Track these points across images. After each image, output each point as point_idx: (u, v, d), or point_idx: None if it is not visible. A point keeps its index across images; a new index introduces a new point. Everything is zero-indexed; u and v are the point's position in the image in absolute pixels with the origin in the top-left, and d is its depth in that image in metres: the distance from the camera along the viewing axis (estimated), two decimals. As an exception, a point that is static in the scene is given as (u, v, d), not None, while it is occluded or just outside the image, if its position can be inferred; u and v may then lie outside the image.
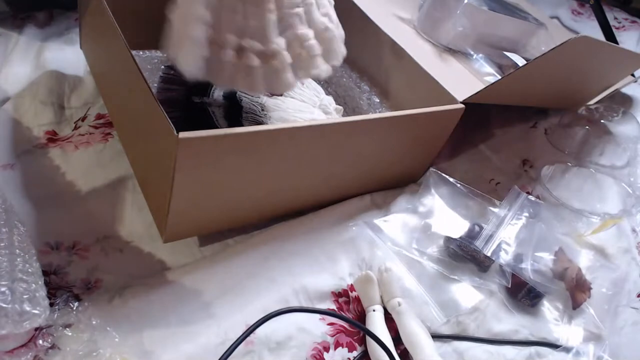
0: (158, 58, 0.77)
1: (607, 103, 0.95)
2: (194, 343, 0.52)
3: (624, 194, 0.80)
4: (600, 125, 0.91)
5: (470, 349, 0.58)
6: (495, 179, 0.81)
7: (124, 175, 0.66)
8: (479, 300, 0.63)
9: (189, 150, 0.47)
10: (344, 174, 0.66)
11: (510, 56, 0.86)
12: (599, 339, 0.61)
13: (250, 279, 0.58)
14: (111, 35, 0.58)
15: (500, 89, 0.69)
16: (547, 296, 0.64)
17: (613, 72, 0.91)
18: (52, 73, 0.77)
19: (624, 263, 0.71)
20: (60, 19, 0.90)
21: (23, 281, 0.46)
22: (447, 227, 0.68)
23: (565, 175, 0.82)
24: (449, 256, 0.66)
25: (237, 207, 0.59)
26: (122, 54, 0.55)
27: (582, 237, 0.72)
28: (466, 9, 0.79)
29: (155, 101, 0.48)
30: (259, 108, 0.67)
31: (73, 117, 0.74)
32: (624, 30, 1.25)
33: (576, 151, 0.86)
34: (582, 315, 0.64)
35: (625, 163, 0.85)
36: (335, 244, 0.64)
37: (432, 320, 0.59)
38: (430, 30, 0.83)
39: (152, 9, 0.72)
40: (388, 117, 0.61)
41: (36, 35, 0.85)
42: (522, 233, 0.68)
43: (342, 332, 0.56)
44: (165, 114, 0.47)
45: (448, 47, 0.82)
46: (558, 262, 0.66)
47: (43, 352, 0.48)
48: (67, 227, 0.60)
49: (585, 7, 1.29)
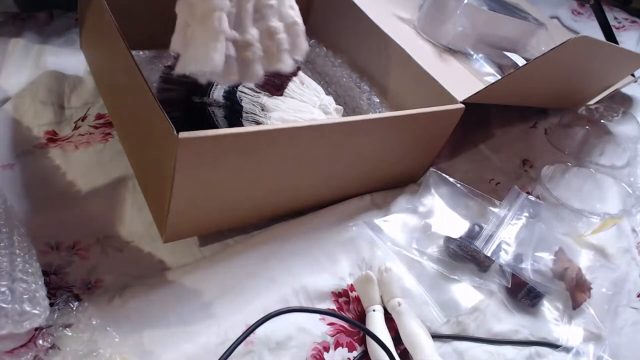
0: (158, 58, 0.77)
1: (607, 103, 0.95)
2: (194, 343, 0.52)
3: (624, 194, 0.80)
4: (600, 125, 0.91)
5: (470, 349, 0.58)
6: (495, 179, 0.81)
7: (124, 175, 0.66)
8: (479, 300, 0.63)
9: (189, 150, 0.47)
10: (344, 174, 0.66)
11: (510, 56, 0.86)
12: (599, 339, 0.61)
13: (250, 279, 0.58)
14: (111, 35, 0.58)
15: (500, 89, 0.69)
16: (547, 296, 0.64)
17: (613, 72, 0.91)
18: (52, 73, 0.77)
19: (624, 263, 0.71)
20: (60, 19, 0.90)
21: (23, 281, 0.47)
22: (447, 227, 0.68)
23: (565, 175, 0.82)
24: (449, 256, 0.66)
25: (237, 207, 0.59)
26: (122, 54, 0.55)
27: (582, 237, 0.72)
28: (466, 9, 0.79)
29: (155, 101, 0.48)
30: (259, 108, 0.67)
31: (73, 117, 0.74)
32: (624, 30, 1.25)
33: (576, 151, 0.86)
34: (582, 315, 0.64)
35: (625, 163, 0.85)
36: (335, 244, 0.64)
37: (432, 320, 0.59)
38: (430, 30, 0.83)
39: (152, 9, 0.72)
40: (388, 117, 0.61)
41: (36, 36, 0.85)
42: (522, 233, 0.68)
43: (342, 332, 0.56)
44: (165, 114, 0.47)
45: (448, 47, 0.82)
46: (558, 262, 0.66)
47: (43, 352, 0.48)
48: (67, 227, 0.60)
49: (585, 7, 1.29)
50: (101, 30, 0.65)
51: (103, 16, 0.59)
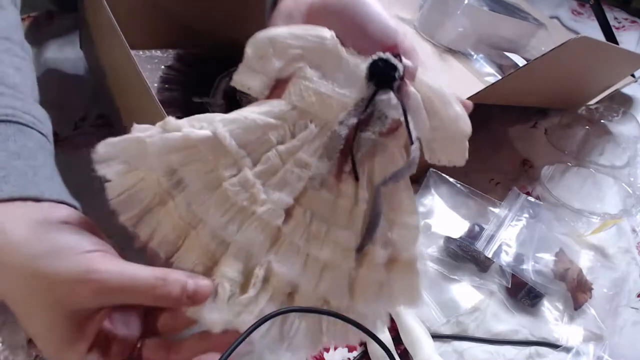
0: (158, 58, 0.77)
1: (607, 103, 0.95)
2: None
3: (624, 194, 0.80)
4: (600, 125, 0.91)
5: (470, 348, 0.58)
6: (495, 179, 0.81)
7: (124, 175, 0.66)
8: (479, 300, 0.63)
9: (189, 150, 0.47)
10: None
11: (510, 56, 0.86)
12: (599, 339, 0.62)
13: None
14: (111, 35, 0.58)
15: (500, 89, 0.69)
16: (548, 296, 0.64)
17: (613, 72, 0.91)
18: (52, 73, 0.77)
19: (624, 263, 0.71)
20: (60, 19, 0.90)
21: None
22: (447, 227, 0.68)
23: (565, 175, 0.82)
24: (449, 256, 0.66)
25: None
26: (122, 54, 0.55)
27: (582, 237, 0.72)
28: (466, 9, 0.79)
29: (155, 101, 0.48)
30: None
31: (73, 117, 0.74)
32: (624, 30, 1.24)
33: (576, 151, 0.86)
34: (583, 316, 0.64)
35: (625, 163, 0.85)
36: (336, 244, 0.64)
37: (432, 320, 0.59)
38: (431, 30, 0.83)
39: (152, 8, 0.73)
40: (388, 117, 0.61)
41: (36, 36, 0.85)
42: (523, 234, 0.68)
43: (342, 332, 0.56)
44: (165, 114, 0.47)
45: (448, 48, 0.82)
46: (559, 263, 0.66)
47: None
48: (67, 227, 0.60)
49: (585, 7, 1.29)
50: (101, 30, 0.65)
51: (103, 16, 0.59)
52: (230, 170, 0.37)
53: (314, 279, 0.39)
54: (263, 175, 0.37)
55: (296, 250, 0.38)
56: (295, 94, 0.38)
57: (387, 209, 0.40)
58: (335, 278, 0.39)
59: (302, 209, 0.39)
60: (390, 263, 0.41)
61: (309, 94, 0.38)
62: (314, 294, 0.39)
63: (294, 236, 0.38)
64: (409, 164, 0.39)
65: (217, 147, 0.36)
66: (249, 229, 0.37)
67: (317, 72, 0.39)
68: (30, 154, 0.40)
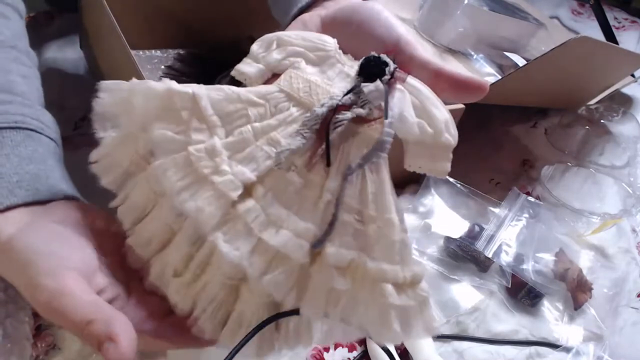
0: (158, 58, 0.77)
1: (607, 103, 0.95)
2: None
3: (624, 194, 0.80)
4: (600, 125, 0.91)
5: (470, 348, 0.58)
6: (495, 179, 0.81)
7: (124, 175, 0.66)
8: (479, 300, 0.63)
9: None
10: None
11: (510, 56, 0.86)
12: (599, 339, 0.62)
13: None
14: (111, 35, 0.58)
15: (500, 89, 0.69)
16: (548, 296, 0.64)
17: (613, 72, 0.91)
18: (52, 73, 0.77)
19: (624, 263, 0.71)
20: (60, 19, 0.90)
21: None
22: (447, 227, 0.68)
23: (565, 175, 0.82)
24: (449, 256, 0.66)
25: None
26: (122, 54, 0.55)
27: (582, 237, 0.72)
28: (466, 9, 0.79)
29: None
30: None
31: (73, 117, 0.74)
32: (624, 30, 1.24)
33: (576, 151, 0.86)
34: (583, 316, 0.64)
35: (625, 163, 0.85)
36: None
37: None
38: (431, 30, 0.83)
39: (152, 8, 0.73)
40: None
41: (36, 35, 0.85)
42: (523, 234, 0.68)
43: (342, 332, 0.56)
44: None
45: (448, 48, 0.82)
46: (559, 263, 0.66)
47: (43, 352, 0.48)
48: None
49: (585, 7, 1.29)
50: (101, 30, 0.65)
51: (103, 16, 0.59)
52: (200, 135, 0.36)
53: (260, 267, 0.35)
54: (231, 147, 0.36)
55: (247, 232, 0.35)
56: (285, 80, 0.39)
57: (361, 205, 0.36)
58: (284, 272, 0.35)
59: (264, 190, 0.36)
60: (352, 270, 0.35)
61: (298, 80, 0.38)
62: (258, 285, 0.35)
63: (248, 216, 0.35)
64: (379, 142, 0.36)
65: (193, 108, 0.36)
66: (201, 197, 0.35)
67: (313, 68, 0.39)
68: (41, 159, 0.42)
